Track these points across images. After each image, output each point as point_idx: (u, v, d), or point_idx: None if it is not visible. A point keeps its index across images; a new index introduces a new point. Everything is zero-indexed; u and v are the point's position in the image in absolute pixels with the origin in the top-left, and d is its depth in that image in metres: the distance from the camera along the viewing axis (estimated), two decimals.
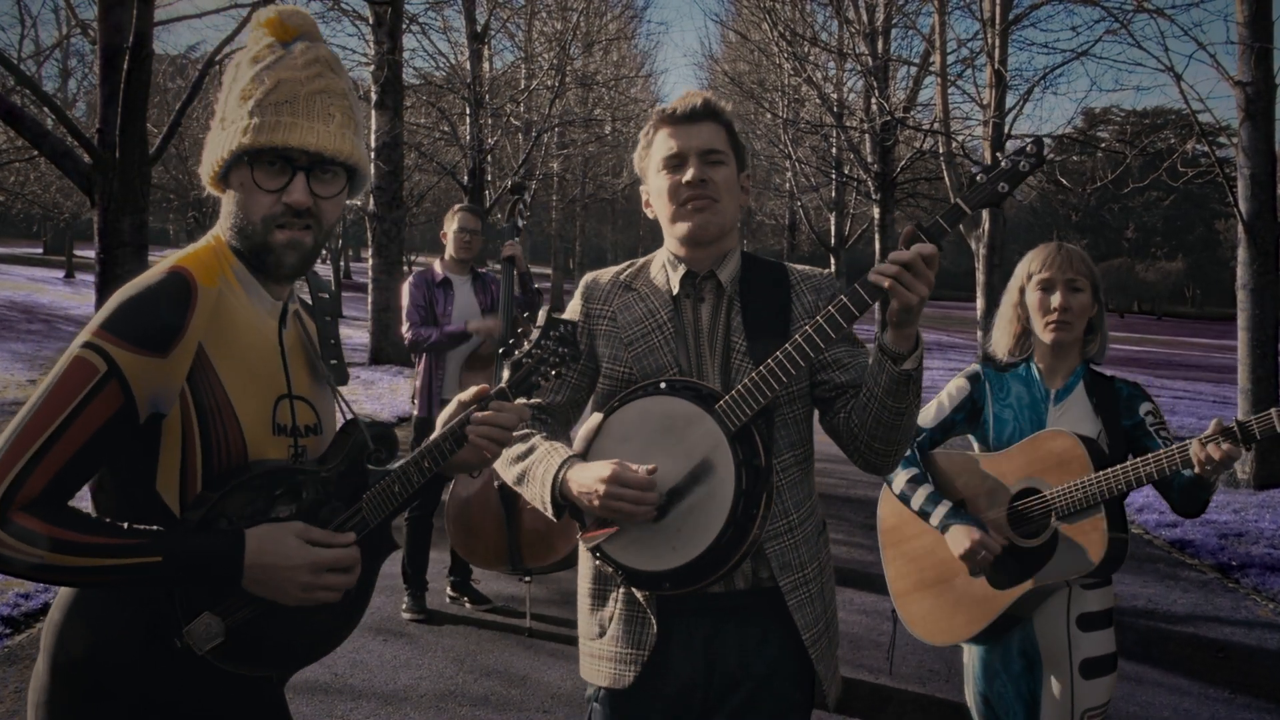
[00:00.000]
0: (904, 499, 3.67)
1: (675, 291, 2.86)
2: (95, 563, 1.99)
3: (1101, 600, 3.49)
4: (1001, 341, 3.74)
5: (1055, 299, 3.52)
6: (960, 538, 3.44)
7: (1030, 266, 3.63)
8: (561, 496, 2.70)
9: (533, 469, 2.77)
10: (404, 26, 21.62)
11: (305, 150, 2.17)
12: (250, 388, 2.23)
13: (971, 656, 3.69)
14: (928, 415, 3.77)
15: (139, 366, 2.05)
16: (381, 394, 17.06)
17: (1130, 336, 48.41)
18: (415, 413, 7.12)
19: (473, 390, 2.44)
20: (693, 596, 2.68)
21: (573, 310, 2.97)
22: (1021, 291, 3.66)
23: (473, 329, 6.83)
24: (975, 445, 3.75)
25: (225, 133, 2.20)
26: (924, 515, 3.60)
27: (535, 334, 2.43)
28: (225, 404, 2.17)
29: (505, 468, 2.86)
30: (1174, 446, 3.21)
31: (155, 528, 2.07)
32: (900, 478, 3.70)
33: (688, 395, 2.66)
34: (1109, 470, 3.26)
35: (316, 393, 2.43)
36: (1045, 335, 3.55)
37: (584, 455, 2.77)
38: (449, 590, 7.26)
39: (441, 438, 2.37)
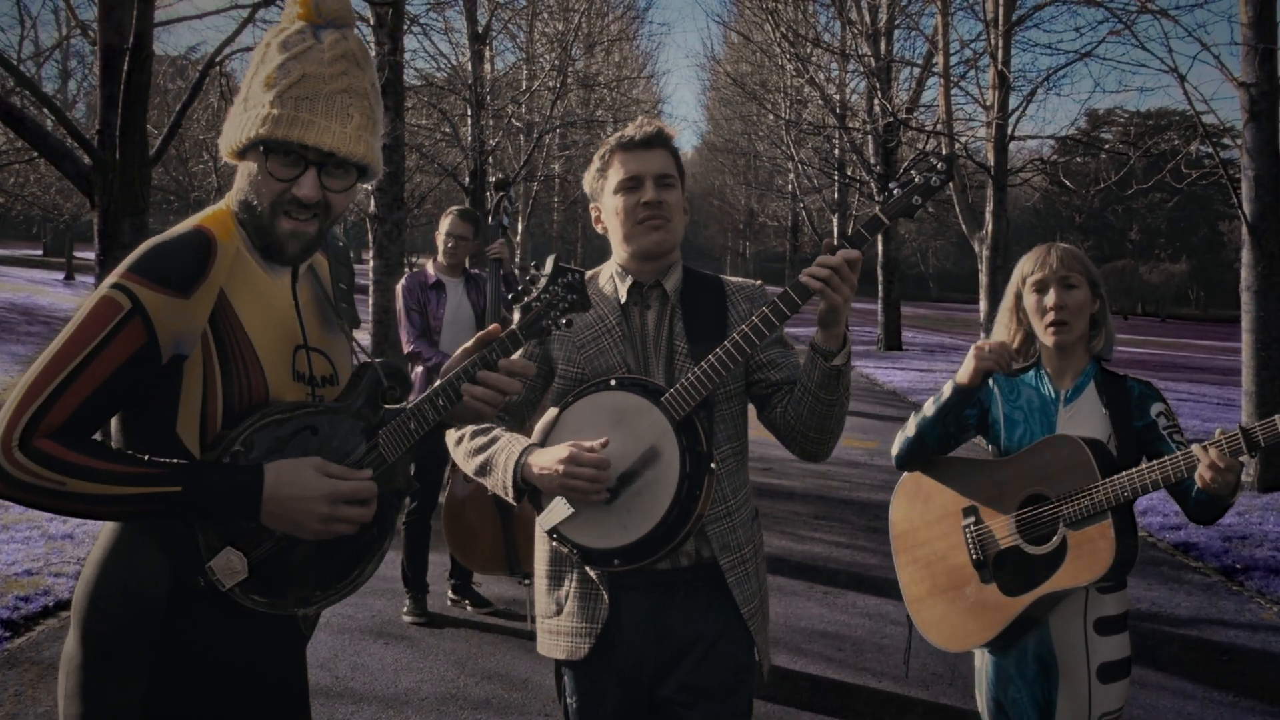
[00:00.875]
0: (921, 423, 3.58)
1: (624, 300, 3.16)
2: (115, 490, 2.05)
3: (1118, 604, 3.45)
4: None
5: (1050, 298, 3.47)
6: (967, 367, 3.39)
7: (1023, 270, 3.60)
8: (523, 480, 2.93)
9: (495, 457, 3.00)
10: (405, 27, 21.50)
11: (320, 149, 2.23)
12: (269, 335, 2.29)
13: (984, 661, 3.65)
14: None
15: (162, 305, 2.10)
16: None
17: (1134, 339, 48.26)
18: None
19: (476, 337, 2.49)
20: (641, 574, 2.95)
21: None
22: (1018, 297, 3.63)
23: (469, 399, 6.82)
24: (989, 449, 3.71)
25: (247, 114, 2.26)
26: (940, 405, 3.51)
27: (543, 280, 2.51)
28: (248, 347, 2.24)
29: (466, 459, 3.09)
30: (1180, 453, 3.16)
31: (176, 460, 2.13)
32: (908, 424, 3.64)
33: (636, 390, 2.93)
34: (1115, 477, 3.22)
35: (332, 345, 2.50)
36: (1046, 338, 3.51)
37: (542, 445, 2.99)
38: (450, 593, 7.23)
39: (455, 377, 2.42)
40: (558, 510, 2.91)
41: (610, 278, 3.21)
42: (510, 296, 2.55)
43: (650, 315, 3.16)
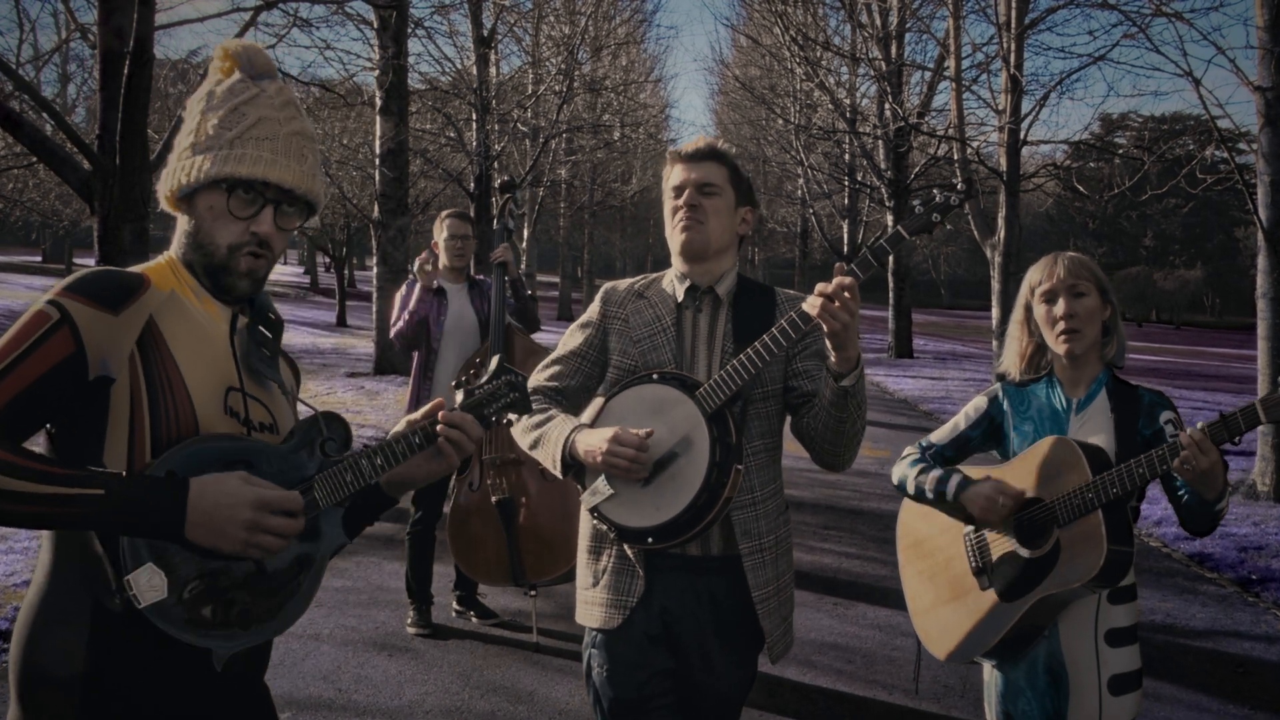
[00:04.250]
0: (919, 492, 3.65)
1: (680, 300, 3.48)
2: (38, 489, 2.03)
3: (1129, 616, 3.43)
4: (1010, 360, 3.72)
5: (1059, 307, 3.47)
6: (976, 496, 3.44)
7: (1031, 280, 3.61)
8: (570, 456, 3.32)
9: (548, 434, 3.39)
10: (409, 31, 21.52)
11: (281, 186, 2.36)
12: (201, 370, 2.31)
13: (993, 674, 3.64)
14: (943, 432, 3.79)
15: (91, 319, 2.17)
16: (387, 404, 16.98)
17: (1148, 346, 48.14)
18: None
19: (424, 410, 2.56)
20: (674, 556, 3.32)
21: (592, 312, 3.59)
22: (1028, 308, 3.63)
23: (419, 272, 6.76)
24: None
25: (199, 157, 2.36)
26: (940, 494, 3.56)
27: (485, 376, 2.66)
28: (176, 377, 2.27)
29: (523, 434, 3.48)
30: (1165, 445, 3.16)
31: (102, 469, 2.15)
32: (911, 474, 3.70)
33: (674, 384, 3.27)
34: (1103, 474, 3.22)
35: (268, 395, 2.50)
36: (1058, 347, 3.50)
37: (590, 427, 3.36)
38: (454, 605, 7.17)
39: (399, 437, 2.49)
40: (599, 491, 3.27)
41: (671, 280, 3.55)
42: (454, 383, 2.78)
43: (703, 317, 3.48)
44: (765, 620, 3.37)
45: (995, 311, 20.60)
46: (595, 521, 3.38)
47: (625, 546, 3.35)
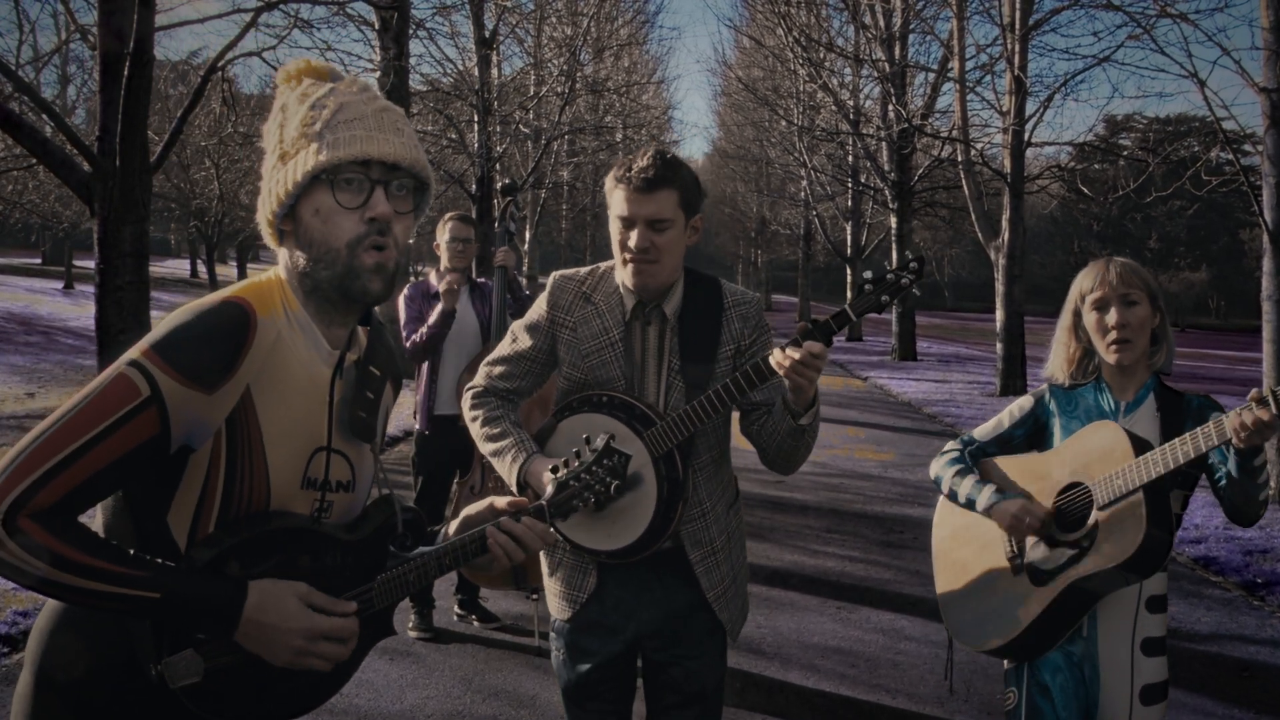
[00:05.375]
0: (952, 494, 3.66)
1: (628, 316, 3.41)
2: (92, 586, 1.97)
3: (1162, 626, 3.44)
4: (1057, 365, 3.69)
5: (1112, 316, 3.44)
6: (1004, 513, 3.44)
7: (1082, 287, 3.56)
8: (524, 482, 3.34)
9: (504, 453, 3.41)
10: (411, 32, 21.41)
11: (383, 161, 2.17)
12: (288, 438, 2.21)
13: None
14: (986, 429, 3.77)
15: (182, 398, 2.03)
16: None
17: None
18: (417, 427, 6.98)
19: (507, 500, 2.48)
20: None
21: (540, 313, 3.51)
22: (1077, 314, 3.59)
23: (444, 293, 6.62)
24: None
25: (289, 166, 2.18)
26: (970, 503, 3.57)
27: (589, 457, 2.50)
28: (258, 451, 2.16)
29: (481, 440, 3.52)
30: (1210, 422, 3.09)
31: (160, 561, 2.05)
32: (947, 474, 3.69)
33: (623, 415, 3.29)
34: (1146, 453, 3.18)
35: (355, 449, 2.40)
36: (1109, 356, 3.47)
37: (541, 449, 3.43)
38: (456, 608, 7.16)
39: (468, 539, 2.39)
40: None
41: (619, 287, 3.42)
42: (551, 467, 2.56)
43: (651, 331, 3.42)
44: (722, 613, 3.44)
45: (999, 314, 20.57)
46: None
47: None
